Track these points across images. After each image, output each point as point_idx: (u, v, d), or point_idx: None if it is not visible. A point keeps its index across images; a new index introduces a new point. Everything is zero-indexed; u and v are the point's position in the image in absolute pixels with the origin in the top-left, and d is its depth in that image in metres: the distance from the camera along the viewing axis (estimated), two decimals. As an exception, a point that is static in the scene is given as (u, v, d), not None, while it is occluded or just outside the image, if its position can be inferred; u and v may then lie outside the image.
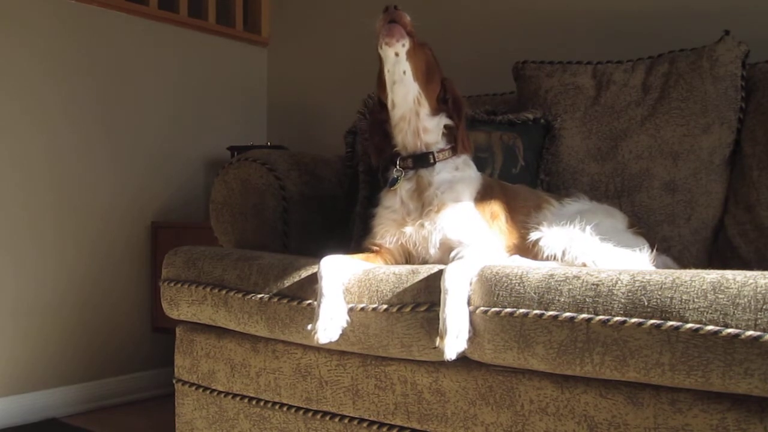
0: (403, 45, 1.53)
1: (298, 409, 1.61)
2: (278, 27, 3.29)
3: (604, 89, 2.05)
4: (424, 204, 1.58)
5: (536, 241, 1.51)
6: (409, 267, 1.46)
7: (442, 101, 1.64)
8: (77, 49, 2.64)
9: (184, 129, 2.98)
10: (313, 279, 1.49)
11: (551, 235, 1.50)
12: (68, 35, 2.62)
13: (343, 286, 1.46)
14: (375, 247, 1.62)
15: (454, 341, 1.26)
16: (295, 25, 3.23)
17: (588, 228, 1.49)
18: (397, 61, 1.55)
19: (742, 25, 2.00)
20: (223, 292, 1.65)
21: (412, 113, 1.60)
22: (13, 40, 2.47)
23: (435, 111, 1.62)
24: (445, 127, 1.64)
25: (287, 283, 1.56)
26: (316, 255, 1.55)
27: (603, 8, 2.37)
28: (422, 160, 1.62)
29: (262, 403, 1.66)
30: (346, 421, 1.53)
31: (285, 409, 1.63)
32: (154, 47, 2.88)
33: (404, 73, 1.56)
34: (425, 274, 1.39)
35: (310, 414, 1.58)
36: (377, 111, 1.70)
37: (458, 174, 1.62)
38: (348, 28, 3.02)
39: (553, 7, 2.48)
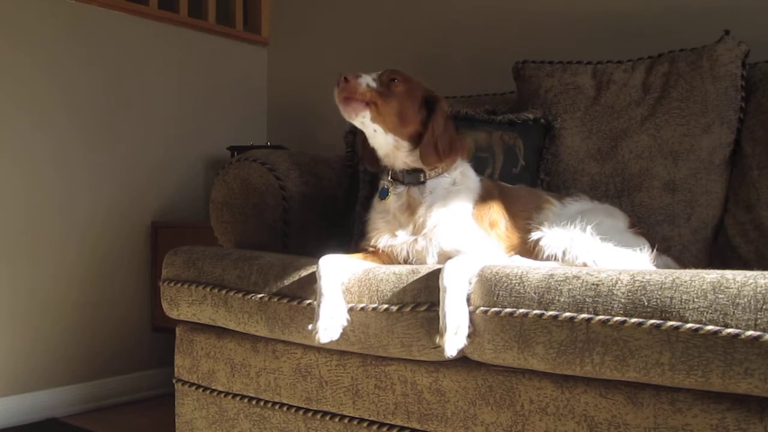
0: (364, 116, 1.50)
1: (298, 409, 1.61)
2: (278, 27, 3.29)
3: (604, 89, 2.05)
4: (416, 225, 1.54)
5: (537, 241, 1.51)
6: (409, 267, 1.46)
7: (424, 125, 1.54)
8: (77, 49, 2.64)
9: (184, 129, 2.98)
10: (313, 278, 1.49)
11: (552, 235, 1.50)
12: (68, 35, 2.62)
13: (342, 285, 1.46)
14: (372, 249, 1.61)
15: (454, 338, 1.26)
16: (295, 25, 3.23)
17: (588, 228, 1.49)
18: (364, 125, 1.54)
19: (742, 25, 2.00)
20: (223, 292, 1.65)
21: (393, 155, 1.58)
22: (14, 40, 2.47)
23: (417, 143, 1.55)
24: None
25: (287, 282, 1.56)
26: (316, 255, 1.54)
27: (603, 8, 2.37)
28: (413, 176, 1.58)
29: (262, 403, 1.66)
30: (346, 421, 1.53)
31: (285, 409, 1.63)
32: (154, 47, 2.88)
33: (375, 131, 1.54)
34: (425, 274, 1.39)
35: (310, 414, 1.58)
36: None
37: (454, 188, 1.57)
38: (348, 27, 3.02)
39: (553, 7, 2.48)
